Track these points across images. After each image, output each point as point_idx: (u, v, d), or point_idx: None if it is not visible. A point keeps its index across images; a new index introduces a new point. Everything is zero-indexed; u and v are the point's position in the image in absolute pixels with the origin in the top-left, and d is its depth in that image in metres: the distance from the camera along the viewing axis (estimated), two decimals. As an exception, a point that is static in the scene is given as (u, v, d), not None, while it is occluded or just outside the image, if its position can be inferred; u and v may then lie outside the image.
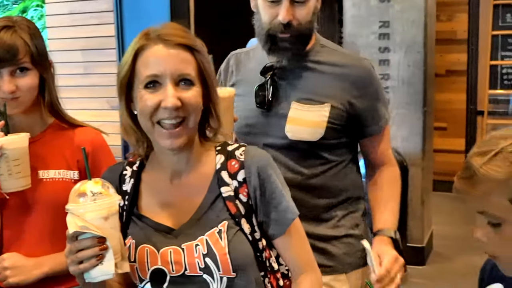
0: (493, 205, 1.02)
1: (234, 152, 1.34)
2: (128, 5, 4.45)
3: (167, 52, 1.24)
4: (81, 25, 4.53)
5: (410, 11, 3.87)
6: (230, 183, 1.31)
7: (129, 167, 1.38)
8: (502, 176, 0.99)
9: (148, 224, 1.32)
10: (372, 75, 1.75)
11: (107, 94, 4.51)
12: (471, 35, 6.05)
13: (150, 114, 1.23)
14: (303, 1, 1.65)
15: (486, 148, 1.03)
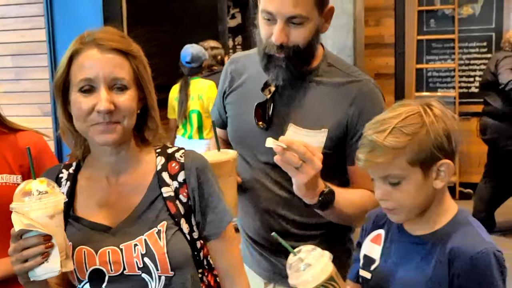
0: (395, 168, 1.26)
1: (174, 154, 1.38)
2: (59, 9, 4.36)
3: (101, 56, 1.26)
4: (12, 30, 4.41)
5: (340, 17, 4.00)
6: (170, 183, 1.34)
7: (65, 170, 1.40)
8: (401, 144, 1.24)
9: (84, 225, 1.33)
10: (372, 101, 1.65)
11: (39, 100, 4.41)
12: (397, 40, 6.26)
13: (84, 117, 1.26)
14: (300, 23, 1.54)
15: (382, 127, 1.26)
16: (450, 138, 1.27)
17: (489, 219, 4.98)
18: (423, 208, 1.31)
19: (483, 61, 5.99)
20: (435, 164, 1.26)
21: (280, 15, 1.53)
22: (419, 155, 1.25)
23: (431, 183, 1.28)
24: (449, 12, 6.11)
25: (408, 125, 1.25)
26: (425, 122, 1.25)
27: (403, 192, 1.28)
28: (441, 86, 6.26)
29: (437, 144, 1.25)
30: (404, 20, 6.22)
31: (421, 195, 1.28)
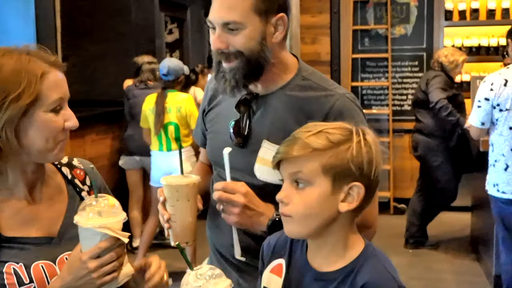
0: (307, 168, 1.21)
1: (72, 162, 1.50)
2: (-11, 21, 4.24)
3: (63, 77, 1.34)
4: None
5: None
6: (84, 188, 1.48)
7: None
8: (320, 146, 1.20)
9: (25, 243, 1.31)
10: (346, 112, 1.60)
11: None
12: (333, 58, 6.38)
13: (58, 133, 1.31)
14: (235, 29, 1.55)
15: (310, 129, 1.25)
16: (370, 165, 1.21)
17: (421, 232, 5.11)
18: (317, 228, 1.23)
19: (415, 79, 6.19)
20: (347, 184, 1.20)
21: (216, 22, 1.57)
22: (335, 165, 1.20)
23: (336, 203, 1.21)
24: (382, 31, 6.29)
25: (335, 134, 1.22)
26: (352, 139, 1.22)
27: (304, 198, 1.21)
28: (375, 103, 6.41)
29: (356, 163, 1.20)
30: (339, 39, 6.35)
31: (322, 210, 1.21)
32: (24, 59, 1.28)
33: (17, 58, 1.28)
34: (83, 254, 1.23)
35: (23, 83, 1.25)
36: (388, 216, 6.03)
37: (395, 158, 6.25)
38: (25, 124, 1.28)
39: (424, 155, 5.00)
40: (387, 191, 6.14)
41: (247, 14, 1.54)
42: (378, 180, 1.25)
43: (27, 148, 1.30)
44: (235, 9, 1.54)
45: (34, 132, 1.29)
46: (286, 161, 1.24)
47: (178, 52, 7.63)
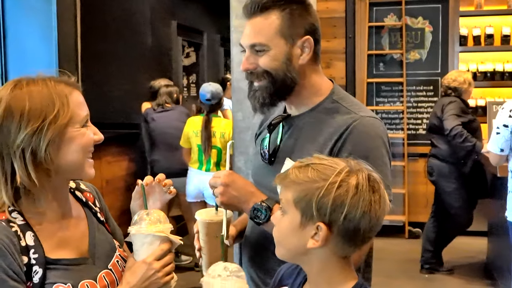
0: (284, 196, 1.27)
1: (79, 186, 1.56)
2: (12, 45, 4.33)
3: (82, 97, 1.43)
4: (-39, 64, 4.34)
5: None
6: (96, 210, 1.55)
7: (11, 223, 1.32)
8: (296, 179, 1.24)
9: (66, 264, 1.36)
10: (360, 132, 1.64)
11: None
12: (348, 82, 6.41)
13: (90, 147, 1.40)
14: (261, 50, 1.65)
15: (306, 161, 1.28)
16: (339, 209, 1.19)
17: (436, 258, 5.09)
18: (292, 255, 1.28)
19: (430, 104, 6.21)
20: (314, 223, 1.21)
21: (245, 44, 1.70)
22: (302, 201, 1.22)
23: (305, 239, 1.23)
24: (397, 56, 6.33)
25: (315, 170, 1.23)
26: (327, 179, 1.20)
27: (281, 224, 1.27)
28: (390, 127, 6.42)
29: (319, 204, 1.19)
30: (354, 63, 6.39)
31: (291, 239, 1.25)
32: (50, 83, 1.35)
33: (43, 84, 1.34)
34: (148, 257, 1.43)
35: (57, 105, 1.31)
36: (403, 240, 6.01)
37: (410, 182, 6.23)
38: (64, 142, 1.34)
39: (438, 180, 5.00)
40: (402, 215, 6.12)
41: (272, 37, 1.66)
42: (356, 224, 1.20)
43: (65, 165, 1.35)
44: (261, 32, 1.66)
45: (72, 148, 1.36)
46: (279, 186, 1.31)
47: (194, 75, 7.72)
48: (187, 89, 7.44)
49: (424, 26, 6.25)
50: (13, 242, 1.28)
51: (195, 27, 7.46)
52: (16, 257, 1.27)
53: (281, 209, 1.28)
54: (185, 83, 7.39)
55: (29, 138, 1.29)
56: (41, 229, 1.36)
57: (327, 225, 1.20)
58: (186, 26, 7.04)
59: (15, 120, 1.29)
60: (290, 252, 1.28)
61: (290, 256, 1.30)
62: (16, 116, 1.29)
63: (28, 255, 1.30)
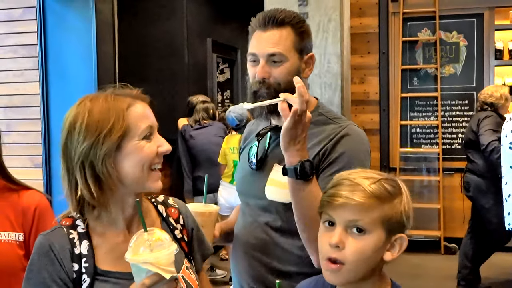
0: (368, 217, 1.23)
1: (168, 201, 1.56)
2: (53, 64, 4.46)
3: (148, 108, 1.43)
4: (6, 83, 4.49)
5: (327, 76, 4.12)
6: (177, 227, 1.52)
7: (72, 230, 1.39)
8: (382, 196, 1.23)
9: (119, 277, 1.37)
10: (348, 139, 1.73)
11: (30, 152, 4.45)
12: (382, 97, 6.40)
13: (153, 158, 1.39)
14: (279, 61, 1.72)
15: (368, 175, 1.26)
16: (412, 216, 1.30)
17: (474, 274, 5.01)
18: (363, 276, 1.26)
19: (465, 118, 6.15)
20: (395, 235, 1.26)
21: (262, 54, 1.74)
22: (391, 217, 1.24)
23: (383, 252, 1.26)
24: (431, 71, 6.30)
25: (390, 185, 1.26)
26: (401, 192, 1.28)
27: (360, 246, 1.23)
28: (424, 142, 6.38)
29: (406, 216, 1.27)
30: (388, 78, 6.38)
31: (373, 258, 1.25)
32: (110, 98, 1.39)
33: (103, 99, 1.39)
34: (136, 284, 1.26)
35: (111, 119, 1.35)
36: (438, 256, 5.94)
37: (446, 198, 6.17)
38: (122, 155, 1.36)
39: (475, 196, 4.94)
40: (437, 231, 6.06)
41: (289, 49, 1.74)
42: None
43: (126, 179, 1.37)
44: (280, 44, 1.73)
45: (131, 161, 1.36)
46: (345, 206, 1.24)
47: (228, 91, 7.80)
48: (221, 105, 7.52)
49: (458, 40, 6.22)
50: (65, 248, 1.34)
51: (229, 44, 7.56)
52: (64, 264, 1.32)
53: (356, 230, 1.23)
54: (219, 99, 7.48)
55: (86, 152, 1.34)
56: (101, 240, 1.39)
57: (405, 234, 1.28)
58: (220, 43, 7.14)
59: (75, 134, 1.36)
60: (367, 271, 1.26)
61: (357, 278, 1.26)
62: (76, 131, 1.36)
63: (80, 263, 1.35)
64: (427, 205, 6.18)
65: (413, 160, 6.36)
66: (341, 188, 1.26)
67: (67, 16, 4.44)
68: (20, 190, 1.75)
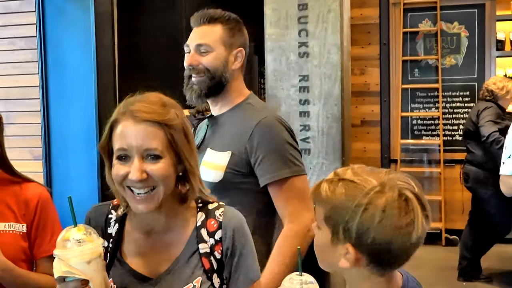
0: (317, 212, 1.26)
1: (214, 212, 1.44)
2: (52, 56, 4.45)
3: (134, 128, 1.31)
4: (4, 75, 4.48)
5: (326, 67, 4.11)
6: (207, 240, 1.41)
7: (114, 211, 1.47)
8: (324, 196, 1.22)
9: (127, 271, 1.39)
10: (270, 131, 1.97)
11: (30, 144, 4.45)
12: (382, 88, 6.39)
13: (120, 181, 1.33)
14: (205, 51, 2.03)
15: (339, 175, 1.24)
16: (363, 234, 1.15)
17: (474, 265, 5.01)
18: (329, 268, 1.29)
19: (466, 109, 6.14)
20: (343, 243, 1.19)
21: (191, 44, 2.06)
22: (330, 220, 1.20)
23: (338, 256, 1.21)
24: (432, 62, 6.28)
25: (345, 188, 1.19)
26: (353, 201, 1.17)
27: (317, 239, 1.28)
28: (425, 133, 6.36)
29: (346, 228, 1.17)
30: (389, 69, 6.36)
31: (327, 256, 1.25)
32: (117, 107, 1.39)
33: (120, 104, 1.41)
34: None
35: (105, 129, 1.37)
36: (439, 247, 5.94)
37: (447, 189, 6.16)
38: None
39: (474, 186, 4.93)
40: (438, 222, 6.05)
41: (216, 42, 2.04)
42: (387, 246, 1.16)
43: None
44: (207, 37, 2.04)
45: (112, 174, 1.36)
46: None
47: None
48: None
49: (460, 31, 6.19)
50: (98, 226, 1.40)
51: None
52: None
53: (316, 223, 1.27)
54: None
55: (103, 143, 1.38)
56: (129, 231, 1.44)
57: (355, 247, 1.17)
58: (220, 34, 7.10)
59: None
60: (330, 266, 1.28)
61: (331, 270, 1.30)
62: None
63: (108, 242, 1.43)
64: (428, 196, 6.15)
65: (414, 151, 6.35)
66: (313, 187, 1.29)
67: (66, 8, 4.42)
68: (22, 183, 1.76)
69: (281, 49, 4.17)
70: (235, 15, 2.14)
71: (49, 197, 1.78)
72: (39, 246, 1.73)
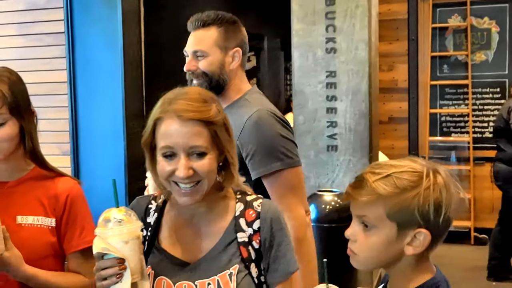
0: (372, 213, 1.24)
1: (252, 203, 1.48)
2: (80, 52, 4.49)
3: (180, 127, 1.36)
4: (32, 71, 4.52)
5: (353, 63, 4.07)
6: (245, 230, 1.44)
7: (154, 201, 1.53)
8: (386, 193, 1.21)
9: (165, 257, 1.45)
10: (260, 124, 1.99)
11: (58, 140, 4.49)
12: (411, 85, 6.32)
13: (166, 177, 1.39)
14: (202, 56, 2.11)
15: (379, 170, 1.25)
16: (439, 211, 1.22)
17: (504, 265, 4.93)
18: (382, 266, 1.29)
19: (497, 106, 6.03)
20: (413, 230, 1.22)
21: (189, 51, 2.16)
22: (399, 213, 1.22)
23: (402, 246, 1.24)
24: (462, 58, 6.18)
25: (402, 179, 1.22)
26: (420, 185, 1.21)
27: (370, 240, 1.25)
28: (454, 131, 6.28)
29: (422, 211, 1.21)
30: (417, 66, 6.29)
31: (387, 252, 1.25)
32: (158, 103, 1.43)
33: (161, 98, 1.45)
34: None
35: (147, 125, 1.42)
36: (468, 247, 5.85)
37: (476, 187, 6.07)
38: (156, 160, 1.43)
39: (505, 185, 4.84)
40: (467, 221, 5.96)
41: (211, 46, 2.11)
42: (449, 222, 1.25)
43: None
44: (202, 42, 2.12)
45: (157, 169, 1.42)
46: (352, 202, 1.28)
47: (255, 79, 7.78)
48: (248, 93, 7.52)
49: (490, 26, 6.08)
50: (139, 216, 1.42)
51: (255, 32, 7.52)
52: None
53: (363, 225, 1.26)
54: (246, 87, 7.45)
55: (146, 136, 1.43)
56: (169, 219, 1.50)
57: (428, 229, 1.22)
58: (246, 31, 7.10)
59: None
60: (383, 262, 1.28)
61: (378, 266, 1.30)
62: None
63: (147, 230, 1.48)
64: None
65: (443, 149, 6.27)
66: (350, 183, 1.29)
67: (93, 5, 4.45)
68: (55, 177, 1.76)
69: (308, 45, 4.14)
70: (230, 15, 2.20)
71: (80, 192, 1.77)
72: (69, 241, 1.73)
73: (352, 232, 1.28)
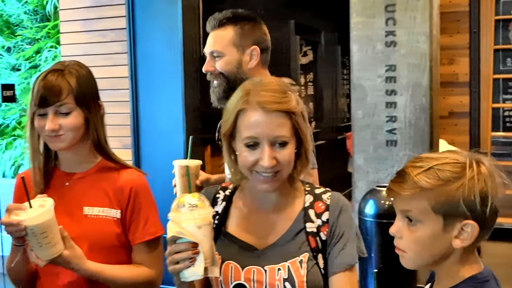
0: (416, 208, 1.23)
1: (322, 195, 1.54)
2: (141, 48, 4.57)
3: (264, 118, 1.41)
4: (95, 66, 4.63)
5: (414, 56, 3.99)
6: (314, 220, 1.49)
7: (222, 191, 1.59)
8: (429, 186, 1.20)
9: (234, 242, 1.50)
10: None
11: (119, 134, 4.60)
12: (472, 78, 6.16)
13: (249, 167, 1.44)
14: (218, 56, 2.13)
15: (421, 163, 1.24)
16: (485, 201, 1.19)
17: None
18: (433, 262, 1.27)
19: None
20: (460, 222, 1.21)
21: (206, 51, 2.19)
22: (444, 205, 1.20)
23: (449, 239, 1.22)
24: (527, 51, 5.98)
25: (445, 171, 1.21)
26: (464, 176, 1.20)
27: (416, 235, 1.24)
28: (518, 126, 6.10)
29: (467, 202, 1.19)
30: (479, 59, 6.12)
31: (435, 247, 1.24)
32: (239, 95, 1.48)
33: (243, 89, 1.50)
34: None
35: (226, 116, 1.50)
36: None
37: None
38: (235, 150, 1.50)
39: None
40: None
41: (226, 46, 2.13)
42: (496, 212, 1.23)
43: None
44: (218, 42, 2.14)
45: (238, 159, 1.48)
46: (395, 197, 1.27)
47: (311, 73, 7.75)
48: (305, 87, 7.47)
49: (557, 17, 5.86)
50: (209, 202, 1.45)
51: (312, 25, 7.47)
52: None
53: (408, 220, 1.25)
54: (302, 81, 7.42)
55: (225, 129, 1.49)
56: (237, 207, 1.55)
57: (475, 220, 1.20)
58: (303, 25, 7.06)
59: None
60: (433, 257, 1.26)
61: (425, 264, 1.28)
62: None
63: (214, 219, 1.51)
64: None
65: (506, 144, 6.09)
66: (392, 178, 1.28)
67: (154, 0, 4.52)
68: (120, 169, 1.80)
69: (367, 39, 4.09)
70: (247, 12, 2.22)
71: (145, 183, 1.80)
72: (134, 233, 1.76)
73: (397, 228, 1.28)
